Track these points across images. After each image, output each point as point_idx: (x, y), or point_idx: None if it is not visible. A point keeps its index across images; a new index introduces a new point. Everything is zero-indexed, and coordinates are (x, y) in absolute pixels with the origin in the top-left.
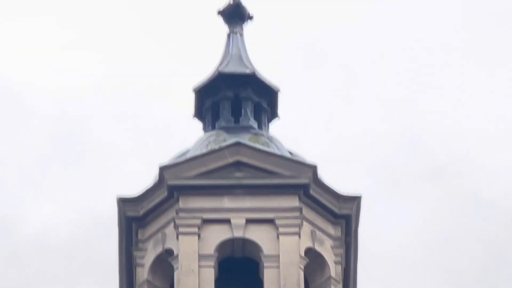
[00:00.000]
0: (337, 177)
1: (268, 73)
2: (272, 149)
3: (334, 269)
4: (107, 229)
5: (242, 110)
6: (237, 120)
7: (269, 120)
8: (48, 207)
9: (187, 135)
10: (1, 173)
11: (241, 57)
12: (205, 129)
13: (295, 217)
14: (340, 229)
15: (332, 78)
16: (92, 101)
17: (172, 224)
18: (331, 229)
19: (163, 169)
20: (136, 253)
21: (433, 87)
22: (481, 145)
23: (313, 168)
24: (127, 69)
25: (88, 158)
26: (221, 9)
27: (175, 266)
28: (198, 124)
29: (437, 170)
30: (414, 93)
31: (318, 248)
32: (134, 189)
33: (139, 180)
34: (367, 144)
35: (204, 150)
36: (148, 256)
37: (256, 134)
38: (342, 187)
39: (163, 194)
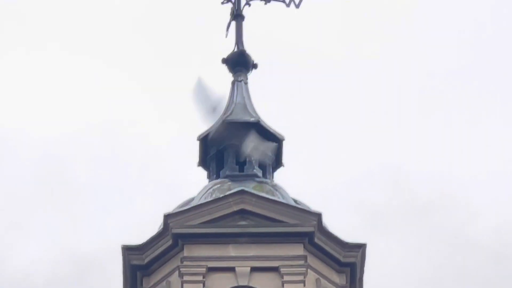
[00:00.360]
0: (342, 225)
1: (272, 121)
2: (277, 197)
3: None
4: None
5: (247, 159)
6: (241, 169)
7: (274, 169)
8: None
9: (191, 183)
10: None
11: (246, 106)
12: (209, 177)
13: (300, 265)
14: (345, 277)
15: (337, 125)
16: (96, 145)
17: (177, 272)
18: (336, 277)
19: (167, 217)
20: None
21: (419, 127)
22: (465, 183)
23: (318, 216)
24: (132, 116)
25: (83, 203)
26: (226, 58)
27: None
28: (202, 173)
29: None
30: (400, 133)
31: None
32: (138, 237)
33: (144, 228)
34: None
35: (208, 199)
36: None
37: (260, 183)
38: (347, 234)
39: (167, 242)
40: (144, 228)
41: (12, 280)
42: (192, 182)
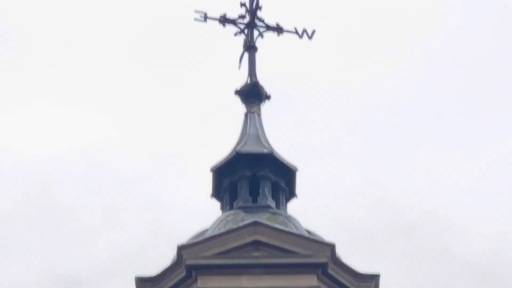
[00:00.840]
0: (355, 255)
1: (285, 152)
2: (290, 229)
3: None
4: None
5: (260, 190)
6: (255, 200)
7: (287, 199)
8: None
9: (205, 215)
10: None
11: (259, 137)
12: (223, 208)
13: None
14: None
15: (348, 156)
16: (105, 170)
17: None
18: None
19: (181, 249)
20: None
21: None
22: (453, 201)
23: (331, 247)
24: (143, 147)
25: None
26: (238, 89)
27: None
28: (216, 204)
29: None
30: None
31: None
32: (151, 269)
33: (157, 260)
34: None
35: (222, 230)
36: None
37: (274, 214)
38: (361, 265)
39: (181, 273)
40: (132, 251)
41: None
42: (205, 213)
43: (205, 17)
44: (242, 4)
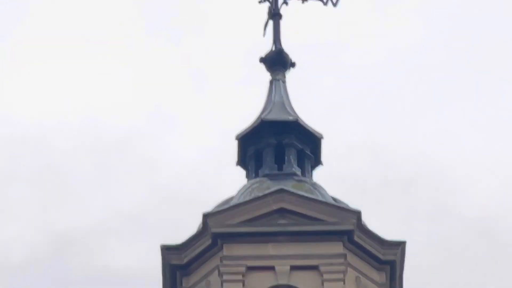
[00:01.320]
0: (381, 222)
1: (311, 120)
2: (316, 196)
3: None
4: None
5: (286, 157)
6: (280, 168)
7: (313, 167)
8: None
9: (230, 183)
10: None
11: (284, 104)
12: (248, 176)
13: (340, 264)
14: (384, 275)
15: (374, 121)
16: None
17: (216, 272)
18: (375, 275)
19: (207, 217)
20: None
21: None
22: (448, 156)
23: (357, 214)
24: (170, 117)
25: None
26: (263, 56)
27: None
28: (241, 172)
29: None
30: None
31: None
32: (176, 238)
33: (183, 228)
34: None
35: (247, 198)
36: None
37: (299, 181)
38: (386, 232)
39: (207, 242)
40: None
41: None
42: (231, 181)
43: None
44: None
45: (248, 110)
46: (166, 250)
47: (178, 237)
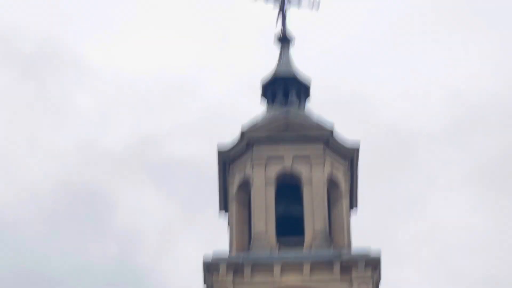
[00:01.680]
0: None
1: (304, 72)
2: (307, 116)
3: (343, 185)
4: None
5: (289, 94)
6: (287, 100)
7: (305, 100)
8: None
9: (255, 108)
10: None
11: (290, 64)
12: (267, 104)
13: (321, 155)
14: (348, 163)
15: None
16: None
17: (249, 161)
18: (343, 163)
19: (244, 127)
20: (229, 180)
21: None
22: None
23: (332, 125)
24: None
25: None
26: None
27: (251, 186)
28: (262, 103)
29: None
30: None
31: (335, 172)
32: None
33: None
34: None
35: (267, 116)
36: (235, 181)
37: (298, 108)
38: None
39: (244, 145)
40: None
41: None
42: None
43: None
44: None
45: (266, 67)
46: (220, 154)
47: (226, 140)
